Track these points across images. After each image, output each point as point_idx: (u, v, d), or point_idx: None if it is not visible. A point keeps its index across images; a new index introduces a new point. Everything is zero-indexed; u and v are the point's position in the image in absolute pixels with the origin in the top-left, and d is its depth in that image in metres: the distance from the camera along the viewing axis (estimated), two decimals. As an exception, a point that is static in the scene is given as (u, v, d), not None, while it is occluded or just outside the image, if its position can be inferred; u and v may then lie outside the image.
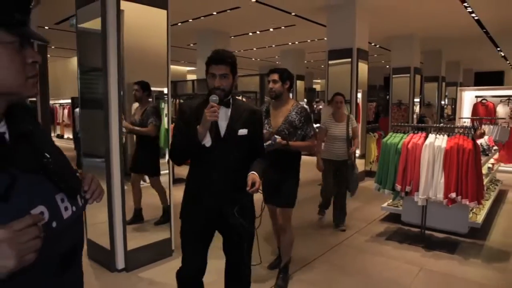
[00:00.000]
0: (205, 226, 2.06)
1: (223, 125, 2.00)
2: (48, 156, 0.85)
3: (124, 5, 3.14)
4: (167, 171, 3.67)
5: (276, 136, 2.78)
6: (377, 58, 13.64)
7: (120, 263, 3.29)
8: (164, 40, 3.49)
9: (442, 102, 13.51)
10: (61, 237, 0.83)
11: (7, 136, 0.81)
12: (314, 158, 4.40)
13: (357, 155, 7.49)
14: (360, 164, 7.29)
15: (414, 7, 7.24)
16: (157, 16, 3.41)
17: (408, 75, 9.94)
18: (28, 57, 0.81)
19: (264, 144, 2.43)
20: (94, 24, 3.24)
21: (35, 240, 0.70)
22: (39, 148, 0.86)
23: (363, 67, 7.24)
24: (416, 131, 3.99)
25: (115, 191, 3.23)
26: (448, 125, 4.60)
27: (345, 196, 4.49)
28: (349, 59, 6.95)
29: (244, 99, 8.27)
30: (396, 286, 3.10)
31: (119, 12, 3.12)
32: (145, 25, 3.35)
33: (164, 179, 3.67)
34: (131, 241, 3.27)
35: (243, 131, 2.02)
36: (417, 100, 10.59)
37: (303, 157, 3.19)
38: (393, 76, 10.17)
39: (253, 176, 1.93)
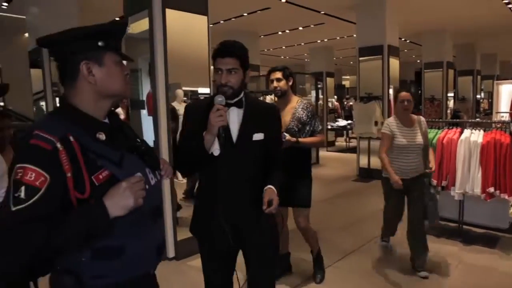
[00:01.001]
0: (223, 244, 1.72)
1: (234, 129, 1.70)
2: (139, 140, 1.26)
3: (168, 13, 3.38)
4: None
5: (285, 134, 2.65)
6: (408, 53, 13.43)
7: (171, 252, 3.54)
8: (205, 43, 3.71)
9: (478, 96, 13.16)
10: (151, 196, 1.16)
11: (112, 128, 1.18)
12: (348, 155, 4.41)
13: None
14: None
15: (446, 0, 7.15)
16: (198, 22, 3.64)
17: (441, 69, 9.78)
18: (124, 70, 1.18)
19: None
20: (140, 29, 3.52)
21: (142, 190, 1.07)
22: (131, 136, 1.26)
23: (394, 63, 7.22)
24: (450, 127, 4.01)
25: (165, 186, 3.47)
26: (484, 120, 4.56)
27: (422, 224, 3.27)
28: (380, 56, 6.96)
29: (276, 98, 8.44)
30: (434, 278, 3.18)
31: (164, 19, 3.36)
32: (187, 30, 3.58)
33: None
34: (181, 232, 3.51)
35: (258, 136, 1.72)
36: (450, 94, 10.40)
37: (339, 154, 3.31)
38: (425, 71, 10.03)
39: (270, 192, 1.65)
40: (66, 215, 0.98)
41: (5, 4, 6.90)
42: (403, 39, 10.64)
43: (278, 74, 2.83)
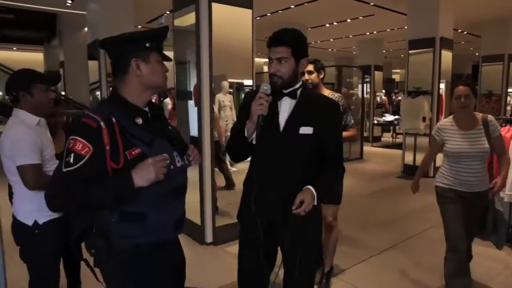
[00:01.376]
0: (255, 235, 1.65)
1: (283, 120, 1.65)
2: (171, 127, 1.50)
3: (214, 7, 3.49)
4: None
5: None
6: (465, 45, 12.69)
7: (209, 237, 3.71)
8: (249, 36, 3.80)
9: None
10: (174, 176, 1.39)
11: (149, 115, 1.41)
12: (394, 151, 4.31)
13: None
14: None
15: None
16: (243, 15, 3.73)
17: (502, 63, 9.13)
18: (164, 67, 1.43)
19: None
20: (188, 23, 3.68)
21: (163, 168, 1.28)
22: (164, 124, 1.49)
23: (446, 56, 6.87)
24: (504, 124, 3.79)
25: (206, 174, 3.64)
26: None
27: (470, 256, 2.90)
28: (431, 49, 6.65)
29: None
30: (476, 281, 3.07)
31: (210, 13, 3.48)
32: (232, 23, 3.69)
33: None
34: (219, 218, 3.66)
35: (306, 129, 1.62)
36: (511, 90, 9.70)
37: (384, 150, 3.26)
38: (483, 64, 9.43)
39: (305, 192, 1.55)
40: (102, 179, 1.24)
41: (69, 1, 7.42)
42: (459, 30, 10.07)
43: (310, 67, 2.74)
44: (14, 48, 13.72)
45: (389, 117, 11.15)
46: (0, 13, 9.47)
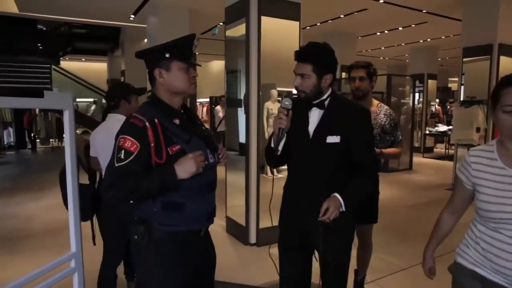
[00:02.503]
0: (295, 240, 1.79)
1: (311, 130, 1.71)
2: (204, 128, 1.65)
3: (264, 20, 3.71)
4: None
5: None
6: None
7: (253, 238, 3.90)
8: (296, 47, 3.93)
9: None
10: (208, 171, 1.53)
11: (184, 117, 1.56)
12: (446, 162, 4.22)
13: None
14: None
15: None
16: (291, 27, 3.91)
17: None
18: (191, 73, 1.54)
19: None
20: (239, 33, 3.94)
21: (201, 162, 1.44)
22: (199, 125, 1.64)
23: (506, 63, 6.53)
24: None
25: (252, 180, 3.84)
26: None
27: None
28: (488, 56, 6.39)
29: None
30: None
31: (259, 26, 3.70)
32: (281, 35, 3.88)
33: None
34: (263, 221, 3.84)
35: (333, 139, 1.66)
36: None
37: (435, 161, 3.25)
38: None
39: (331, 200, 1.60)
40: (149, 172, 1.41)
41: (132, 16, 8.08)
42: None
43: (362, 72, 2.48)
44: (83, 59, 15.02)
45: (442, 127, 10.73)
46: (74, 28, 10.52)
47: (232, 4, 3.99)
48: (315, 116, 1.71)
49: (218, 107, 9.62)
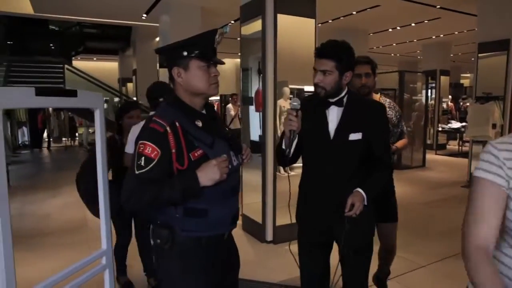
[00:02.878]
0: (316, 236, 1.83)
1: (332, 128, 1.72)
2: (227, 129, 1.56)
3: (280, 18, 3.71)
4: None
5: None
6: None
7: (269, 235, 3.91)
8: (312, 44, 3.94)
9: None
10: (232, 175, 1.46)
11: (207, 117, 1.48)
12: (460, 159, 4.12)
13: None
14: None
15: None
16: (307, 24, 3.90)
17: None
18: (212, 72, 1.44)
19: None
20: (251, 31, 3.95)
21: (226, 168, 1.37)
22: (222, 125, 1.58)
23: (523, 59, 6.46)
24: None
25: (268, 178, 3.85)
26: None
27: None
28: (505, 51, 6.29)
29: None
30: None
31: (276, 23, 3.70)
32: (296, 32, 3.87)
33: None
34: (280, 218, 3.85)
35: (355, 136, 1.69)
36: None
37: (449, 158, 3.22)
38: None
39: (355, 195, 1.64)
40: (170, 179, 1.34)
41: (145, 15, 8.14)
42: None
43: (367, 68, 2.36)
44: (94, 59, 15.17)
45: (455, 124, 10.62)
46: (86, 28, 10.64)
47: (248, 3, 3.99)
48: (334, 114, 1.72)
49: (230, 105, 9.64)
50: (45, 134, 12.59)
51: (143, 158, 1.32)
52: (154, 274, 2.94)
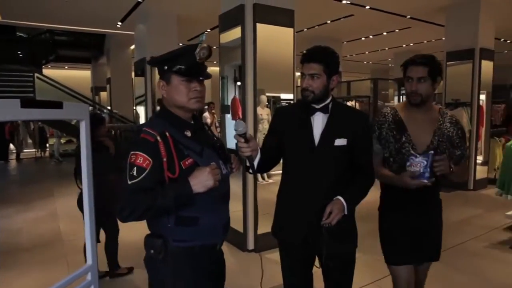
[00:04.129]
0: (298, 250, 1.78)
1: (317, 134, 1.71)
2: (216, 138, 1.61)
3: (259, 27, 3.73)
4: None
5: (441, 156, 1.75)
6: (508, 55, 12.30)
7: (251, 244, 3.90)
8: (290, 53, 4.00)
9: None
10: (221, 183, 1.46)
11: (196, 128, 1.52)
12: None
13: (479, 161, 7.04)
14: (483, 171, 6.87)
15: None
16: (285, 34, 3.94)
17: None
18: (193, 87, 1.46)
19: (414, 179, 1.74)
20: (229, 39, 3.97)
21: (217, 175, 1.39)
22: (210, 135, 1.60)
23: (487, 67, 6.78)
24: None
25: (249, 186, 3.85)
26: None
27: None
28: (470, 60, 6.60)
29: (357, 104, 8.48)
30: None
31: (255, 33, 3.72)
32: (275, 41, 3.90)
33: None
34: (261, 227, 3.85)
35: (341, 141, 1.68)
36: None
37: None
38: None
39: (334, 203, 1.62)
40: (162, 187, 1.35)
41: (119, 23, 8.02)
42: (502, 40, 9.84)
43: (423, 71, 1.86)
44: (66, 67, 14.77)
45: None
46: (57, 35, 10.35)
47: (227, 12, 4.01)
48: (319, 120, 1.72)
49: (206, 114, 9.60)
50: (12, 146, 12.08)
51: (135, 168, 1.33)
52: (116, 267, 3.35)
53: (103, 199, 2.45)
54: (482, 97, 6.80)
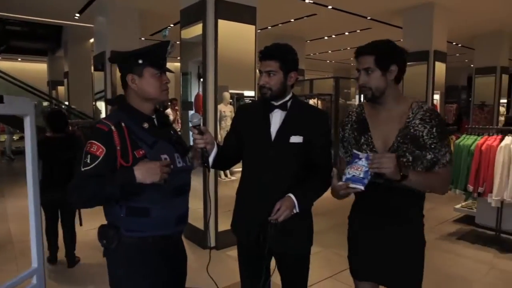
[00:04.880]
0: (250, 247, 1.78)
1: (274, 131, 1.72)
2: (172, 132, 1.65)
3: (220, 23, 3.72)
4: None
5: (382, 154, 1.50)
6: (460, 58, 12.97)
7: (212, 241, 3.89)
8: (252, 50, 4.01)
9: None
10: (175, 176, 1.50)
11: (155, 121, 1.58)
12: None
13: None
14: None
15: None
16: (247, 31, 3.95)
17: (494, 75, 9.42)
18: (163, 80, 1.57)
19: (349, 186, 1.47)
20: (191, 35, 3.94)
21: (167, 169, 1.42)
22: (169, 129, 1.65)
23: (440, 68, 7.12)
24: (497, 134, 3.99)
25: (210, 183, 3.83)
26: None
27: None
28: (425, 62, 6.91)
29: (319, 102, 8.65)
30: (462, 281, 3.24)
31: (216, 29, 3.71)
32: (236, 38, 3.91)
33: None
34: (222, 224, 3.85)
35: (296, 138, 1.68)
36: (504, 101, 9.98)
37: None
38: (476, 76, 9.72)
39: (284, 200, 1.61)
40: (112, 175, 1.40)
41: (77, 15, 7.69)
42: (454, 43, 10.36)
43: (369, 61, 1.61)
44: (19, 59, 13.98)
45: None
46: (8, 25, 9.75)
47: (188, 7, 3.96)
48: (277, 117, 1.73)
49: (169, 110, 9.43)
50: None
51: (89, 156, 1.39)
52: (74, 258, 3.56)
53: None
54: (436, 97, 7.14)
